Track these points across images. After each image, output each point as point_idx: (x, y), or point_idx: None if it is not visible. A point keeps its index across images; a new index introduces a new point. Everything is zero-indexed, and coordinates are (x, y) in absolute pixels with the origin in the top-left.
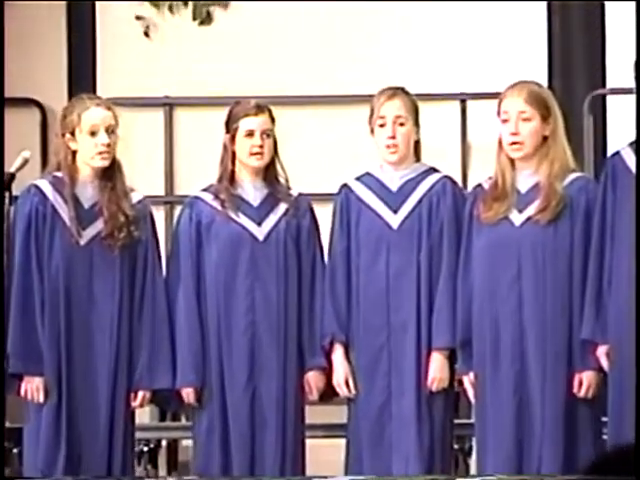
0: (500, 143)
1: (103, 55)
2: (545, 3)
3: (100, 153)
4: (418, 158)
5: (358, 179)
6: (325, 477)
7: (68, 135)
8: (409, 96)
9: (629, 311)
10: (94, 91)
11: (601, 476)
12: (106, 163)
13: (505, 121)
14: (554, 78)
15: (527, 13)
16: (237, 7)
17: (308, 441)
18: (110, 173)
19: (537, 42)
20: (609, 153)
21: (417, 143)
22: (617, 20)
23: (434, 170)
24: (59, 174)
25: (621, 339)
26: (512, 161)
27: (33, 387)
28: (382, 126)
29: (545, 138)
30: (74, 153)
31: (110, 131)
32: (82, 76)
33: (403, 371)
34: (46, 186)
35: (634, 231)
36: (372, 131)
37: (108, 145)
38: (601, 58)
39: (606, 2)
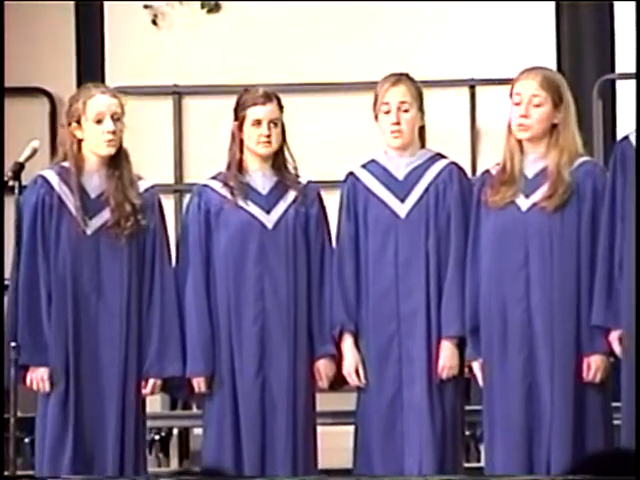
0: (509, 127)
1: (111, 44)
2: None
3: (106, 141)
4: (423, 144)
5: (364, 167)
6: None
7: (74, 124)
8: (413, 82)
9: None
10: (103, 80)
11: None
12: (112, 151)
13: (517, 104)
14: (563, 63)
15: None
16: None
17: (318, 428)
18: (117, 162)
19: (546, 27)
20: (618, 137)
21: (422, 129)
22: (626, 5)
23: (440, 156)
24: (66, 164)
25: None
26: (521, 145)
27: (38, 377)
28: (386, 112)
29: (555, 125)
30: (80, 142)
31: (116, 118)
32: (91, 65)
33: (413, 359)
34: (52, 176)
35: (634, 218)
36: (376, 117)
37: (114, 132)
38: (610, 43)
39: None
